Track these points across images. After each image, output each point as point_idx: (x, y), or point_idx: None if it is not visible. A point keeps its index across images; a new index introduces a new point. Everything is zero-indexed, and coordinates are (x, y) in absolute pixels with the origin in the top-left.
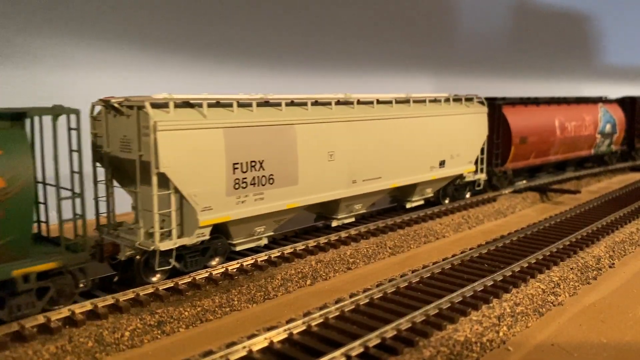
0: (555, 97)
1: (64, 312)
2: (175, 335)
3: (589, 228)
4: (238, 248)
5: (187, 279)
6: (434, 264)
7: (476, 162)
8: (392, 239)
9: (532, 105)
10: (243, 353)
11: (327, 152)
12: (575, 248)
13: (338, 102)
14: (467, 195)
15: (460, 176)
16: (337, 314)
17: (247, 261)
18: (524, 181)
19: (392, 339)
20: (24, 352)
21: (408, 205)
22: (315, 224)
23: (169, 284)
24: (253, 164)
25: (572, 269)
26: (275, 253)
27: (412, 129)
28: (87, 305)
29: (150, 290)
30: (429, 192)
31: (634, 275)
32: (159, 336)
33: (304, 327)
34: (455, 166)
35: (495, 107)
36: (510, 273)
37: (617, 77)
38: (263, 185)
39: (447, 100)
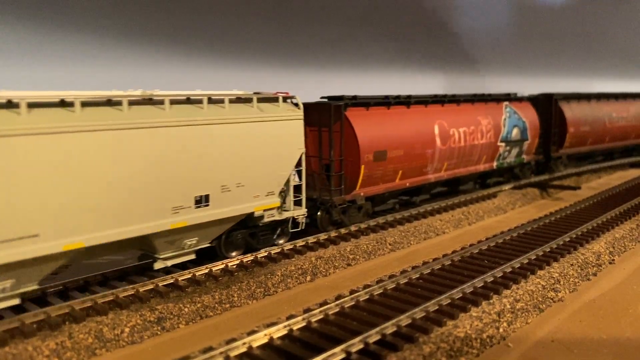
0: (440, 95)
1: (64, 307)
2: (175, 332)
3: (589, 224)
4: None
5: (187, 275)
6: (434, 260)
7: (291, 192)
8: (392, 235)
9: (398, 106)
10: (243, 349)
11: None
12: (575, 244)
13: None
14: (282, 241)
15: (252, 216)
16: (337, 310)
17: (247, 257)
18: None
19: (392, 335)
20: (24, 349)
21: (157, 266)
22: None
23: (169, 280)
24: None
25: (572, 265)
26: (275, 249)
27: (119, 148)
28: (87, 302)
29: (150, 287)
30: (194, 244)
31: (634, 271)
32: (158, 332)
33: (304, 324)
34: (234, 202)
35: (334, 110)
36: (510, 269)
37: (621, 73)
38: None
39: (216, 101)
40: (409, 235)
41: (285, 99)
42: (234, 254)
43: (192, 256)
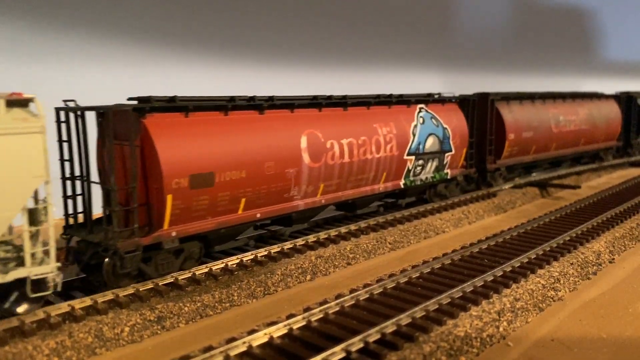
0: (320, 97)
1: (64, 307)
2: (175, 331)
3: (589, 223)
4: None
5: (187, 275)
6: (433, 259)
7: (27, 240)
8: (392, 235)
9: (244, 111)
10: (243, 348)
11: None
12: (575, 243)
13: None
14: (22, 310)
15: None
16: (337, 309)
17: (247, 256)
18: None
19: (392, 334)
20: (24, 348)
21: None
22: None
23: (169, 279)
24: None
25: (572, 264)
26: (275, 248)
27: None
28: (87, 301)
29: (150, 286)
30: None
31: (634, 270)
32: (158, 332)
33: (304, 323)
34: None
35: (113, 117)
36: (510, 268)
37: (619, 72)
38: None
39: None
40: (409, 234)
41: (12, 103)
42: None
43: None
